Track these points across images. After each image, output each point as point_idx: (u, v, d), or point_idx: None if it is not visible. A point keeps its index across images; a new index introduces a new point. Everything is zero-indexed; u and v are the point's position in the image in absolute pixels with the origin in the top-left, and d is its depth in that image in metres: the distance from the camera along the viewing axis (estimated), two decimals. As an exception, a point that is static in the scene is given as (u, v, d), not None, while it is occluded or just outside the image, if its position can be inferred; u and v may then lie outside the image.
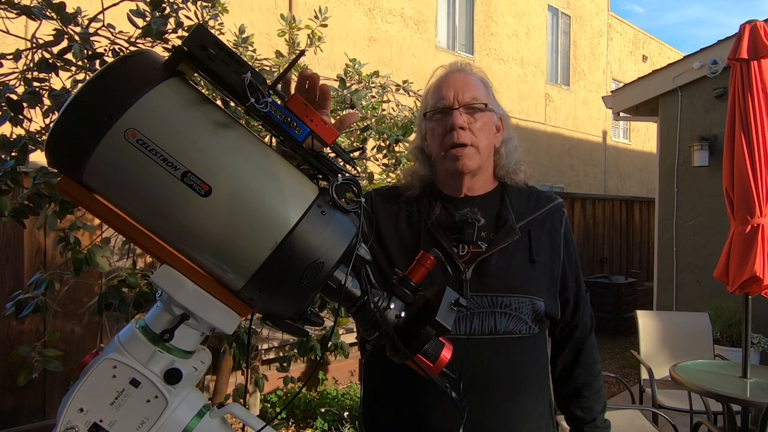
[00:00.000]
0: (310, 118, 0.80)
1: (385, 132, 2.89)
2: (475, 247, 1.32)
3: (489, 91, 1.40)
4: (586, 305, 1.45)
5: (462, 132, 1.31)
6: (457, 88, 1.34)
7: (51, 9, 1.99)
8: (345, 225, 0.80)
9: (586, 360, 1.44)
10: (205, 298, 0.79)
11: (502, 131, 1.41)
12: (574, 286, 1.41)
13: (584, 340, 1.44)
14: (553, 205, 1.41)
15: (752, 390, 3.00)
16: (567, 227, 1.42)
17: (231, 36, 3.05)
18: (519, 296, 1.29)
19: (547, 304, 1.32)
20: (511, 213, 1.35)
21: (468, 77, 1.38)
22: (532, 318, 1.31)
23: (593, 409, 1.43)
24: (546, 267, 1.35)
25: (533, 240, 1.34)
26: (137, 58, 0.77)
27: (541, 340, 1.38)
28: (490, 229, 1.34)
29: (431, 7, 9.62)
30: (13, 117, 1.95)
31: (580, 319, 1.43)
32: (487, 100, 1.36)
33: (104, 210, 0.78)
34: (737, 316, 5.10)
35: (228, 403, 0.93)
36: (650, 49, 15.51)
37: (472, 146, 1.32)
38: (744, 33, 3.11)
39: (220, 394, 3.26)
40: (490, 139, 1.37)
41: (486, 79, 1.43)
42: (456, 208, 1.36)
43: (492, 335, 1.27)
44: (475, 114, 1.33)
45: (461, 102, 1.33)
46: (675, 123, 6.19)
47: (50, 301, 2.02)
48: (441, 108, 1.34)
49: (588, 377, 1.43)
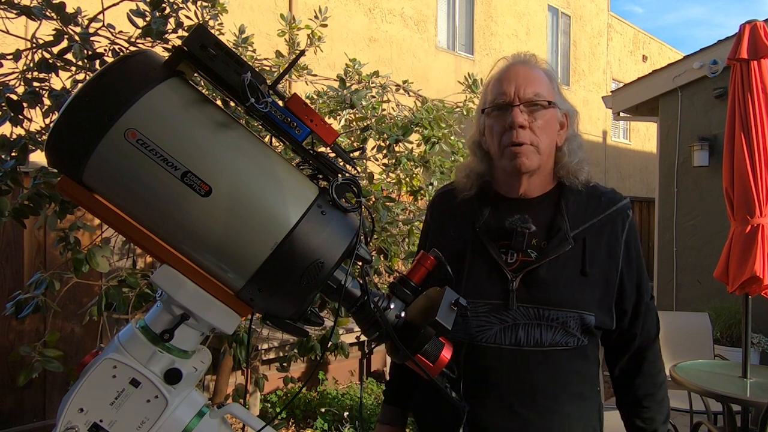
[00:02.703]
0: (310, 118, 0.80)
1: (385, 132, 2.89)
2: (524, 255, 1.25)
3: (554, 85, 1.31)
4: (649, 314, 1.34)
5: (522, 131, 1.22)
6: (519, 83, 1.24)
7: (51, 9, 1.99)
8: (345, 225, 0.80)
9: (649, 369, 1.34)
10: (205, 298, 0.79)
11: (566, 128, 1.32)
12: (634, 296, 1.31)
13: (646, 348, 1.34)
14: (615, 209, 1.30)
15: (752, 390, 3.00)
16: (630, 232, 1.31)
17: (231, 36, 3.04)
18: (567, 311, 1.22)
19: (598, 317, 1.25)
20: (565, 220, 1.26)
21: (531, 70, 1.28)
22: (581, 331, 1.24)
23: (655, 420, 1.33)
24: (600, 279, 1.26)
25: (588, 250, 1.25)
26: (137, 58, 0.77)
27: (591, 350, 1.31)
28: (542, 236, 1.26)
29: (431, 7, 9.61)
30: (13, 117, 1.95)
31: (639, 328, 1.32)
32: (551, 96, 1.27)
33: (104, 210, 0.78)
34: (737, 316, 5.10)
35: (228, 403, 0.93)
36: (650, 49, 15.50)
37: (531, 145, 1.24)
38: (744, 33, 3.11)
39: (220, 394, 3.26)
40: (552, 138, 1.28)
41: (552, 73, 1.33)
42: (507, 212, 1.28)
43: (537, 347, 1.22)
44: (536, 112, 1.24)
45: (522, 98, 1.23)
46: (675, 123, 6.19)
47: (50, 301, 2.02)
48: (501, 104, 1.26)
49: (650, 387, 1.34)
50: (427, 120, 2.95)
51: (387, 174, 3.05)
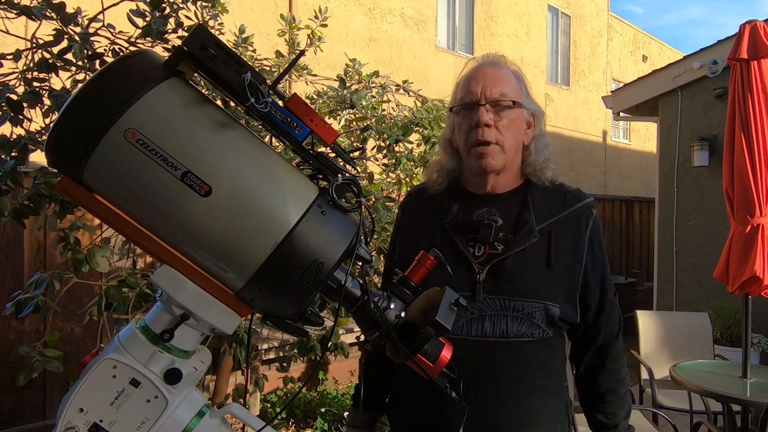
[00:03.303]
0: (310, 118, 0.80)
1: (385, 132, 2.89)
2: (491, 248, 1.29)
3: (522, 85, 1.35)
4: (613, 310, 1.38)
5: (487, 129, 1.27)
6: (486, 83, 1.29)
7: (51, 9, 1.98)
8: (345, 225, 0.80)
9: (611, 365, 1.38)
10: (205, 298, 0.79)
11: (533, 128, 1.36)
12: (598, 291, 1.35)
13: (609, 344, 1.38)
14: (579, 206, 1.34)
15: (752, 390, 3.00)
16: (594, 229, 1.35)
17: (231, 36, 3.04)
18: (532, 301, 1.26)
19: (562, 309, 1.28)
20: (532, 214, 1.31)
21: (499, 71, 1.32)
22: (546, 322, 1.28)
23: (617, 415, 1.37)
24: (564, 272, 1.30)
25: (553, 243, 1.29)
26: (137, 58, 0.77)
27: (556, 343, 1.34)
28: (509, 230, 1.30)
29: (431, 7, 9.61)
30: (13, 117, 1.95)
31: (603, 323, 1.36)
32: (517, 96, 1.31)
33: (104, 210, 0.78)
34: (737, 316, 5.10)
35: (228, 403, 0.93)
36: (650, 49, 15.50)
37: (497, 144, 1.28)
38: (744, 33, 3.11)
39: (220, 394, 3.25)
40: (518, 137, 1.32)
41: (520, 73, 1.37)
42: (475, 207, 1.33)
43: (503, 338, 1.25)
44: (502, 111, 1.28)
45: (488, 98, 1.27)
46: (675, 123, 6.18)
47: (50, 301, 2.02)
48: (468, 103, 1.30)
49: (612, 383, 1.38)
50: (427, 120, 2.95)
51: (387, 174, 3.05)
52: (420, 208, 1.42)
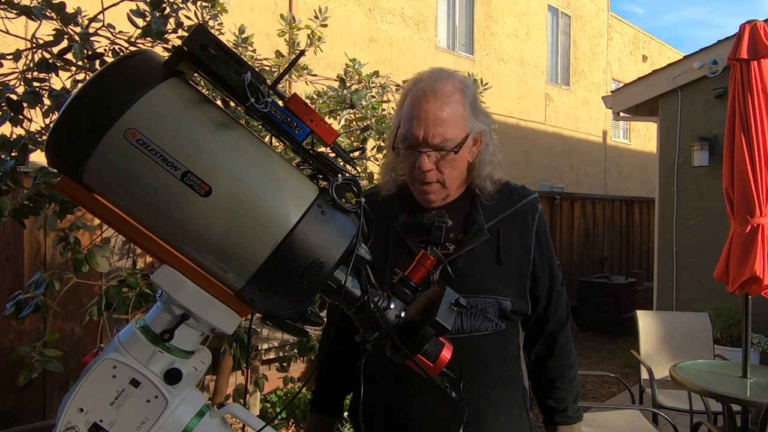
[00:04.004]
0: (310, 118, 0.80)
1: (385, 132, 2.89)
2: (443, 249, 1.31)
3: (468, 104, 1.33)
4: (560, 299, 1.44)
5: (429, 173, 1.29)
6: (428, 127, 1.27)
7: (51, 9, 1.98)
8: (345, 225, 0.80)
9: (560, 352, 1.44)
10: (205, 298, 0.79)
11: (479, 143, 1.37)
12: (547, 282, 1.41)
13: (557, 332, 1.44)
14: (525, 203, 1.40)
15: (752, 390, 3.00)
16: (540, 223, 1.41)
17: (231, 36, 3.04)
18: (484, 297, 1.31)
19: (514, 302, 1.34)
20: (480, 213, 1.36)
21: (441, 108, 1.28)
22: (498, 316, 1.33)
23: (566, 400, 1.44)
24: (514, 267, 1.35)
25: (502, 240, 1.35)
26: (137, 58, 0.77)
27: (510, 335, 1.39)
28: (459, 230, 1.35)
29: (431, 7, 9.61)
30: (13, 117, 1.95)
31: (552, 313, 1.43)
32: (460, 130, 1.29)
33: (104, 210, 0.78)
34: (737, 316, 5.10)
35: (228, 403, 0.93)
36: (650, 49, 15.50)
37: (438, 182, 1.32)
38: (744, 33, 3.11)
39: (220, 394, 3.26)
40: (461, 168, 1.34)
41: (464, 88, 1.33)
42: (425, 210, 1.36)
43: (458, 335, 1.29)
44: (444, 157, 1.29)
45: (430, 143, 1.27)
46: (675, 123, 6.19)
47: (50, 301, 2.02)
48: (409, 144, 1.31)
49: (561, 369, 1.44)
50: (427, 120, 2.95)
51: (387, 174, 3.04)
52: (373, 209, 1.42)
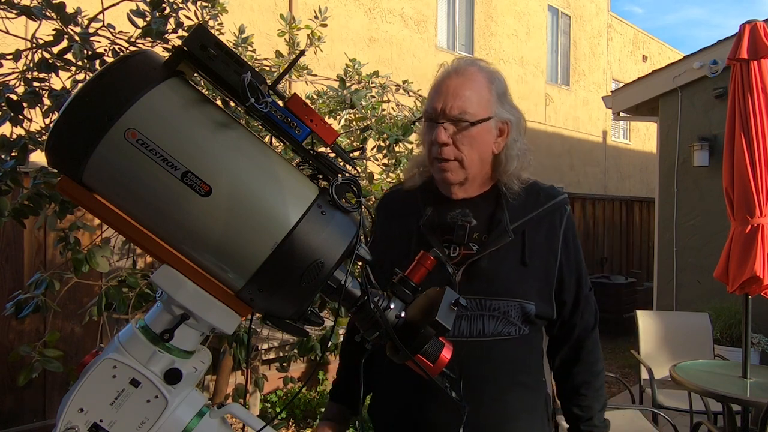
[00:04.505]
0: (310, 118, 0.80)
1: (385, 132, 2.89)
2: (466, 249, 1.29)
3: (495, 91, 1.30)
4: (588, 304, 1.39)
5: (445, 148, 1.26)
6: (447, 99, 1.26)
7: (51, 9, 1.98)
8: (345, 225, 0.80)
9: (587, 358, 1.39)
10: (205, 298, 0.79)
11: (506, 135, 1.32)
12: (574, 287, 1.36)
13: (585, 338, 1.39)
14: (553, 203, 1.34)
15: (752, 390, 3.00)
16: (568, 225, 1.36)
17: (231, 36, 3.04)
18: (507, 300, 1.26)
19: (538, 306, 1.29)
20: (505, 213, 1.31)
21: (464, 84, 1.27)
22: (522, 320, 1.28)
23: (592, 408, 1.39)
24: (539, 270, 1.31)
25: (527, 242, 1.30)
26: (137, 58, 0.77)
27: (533, 339, 1.35)
28: (483, 230, 1.30)
29: (431, 7, 9.61)
30: (13, 117, 1.95)
31: (579, 318, 1.38)
32: (482, 109, 1.27)
33: (104, 210, 0.78)
34: (737, 316, 5.10)
35: (228, 403, 0.93)
36: (650, 49, 15.49)
37: (455, 160, 1.27)
38: (744, 33, 3.11)
39: (220, 394, 3.25)
40: (481, 150, 1.30)
41: (495, 78, 1.32)
42: (448, 209, 1.33)
43: (479, 338, 1.26)
44: (462, 130, 1.26)
45: (448, 115, 1.25)
46: (675, 123, 6.19)
47: (50, 301, 2.02)
48: (428, 118, 1.30)
49: (587, 375, 1.40)
50: (427, 120, 2.95)
51: (387, 174, 3.05)
52: (395, 211, 1.42)
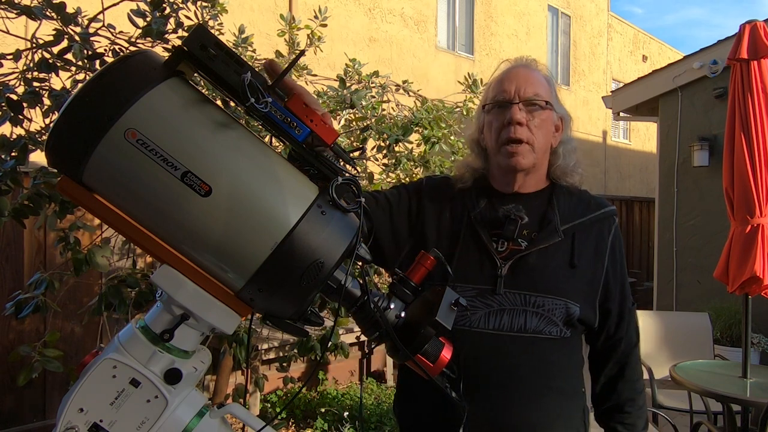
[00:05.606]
0: (310, 118, 0.80)
1: (385, 132, 2.89)
2: (515, 244, 1.29)
3: (552, 89, 1.37)
4: (632, 319, 1.39)
5: (519, 128, 1.28)
6: (519, 83, 1.30)
7: (51, 9, 1.98)
8: (345, 225, 0.80)
9: (631, 375, 1.39)
10: (205, 298, 0.79)
11: (561, 131, 1.38)
12: (619, 297, 1.36)
13: (629, 354, 1.39)
14: (602, 212, 1.37)
15: (752, 390, 3.00)
16: (616, 236, 1.37)
17: (231, 36, 3.04)
18: (553, 298, 1.26)
19: (582, 309, 1.28)
20: (556, 214, 1.32)
21: (532, 73, 1.34)
22: (564, 321, 1.27)
23: (636, 426, 1.37)
24: (586, 273, 1.31)
25: (576, 244, 1.30)
26: (137, 58, 0.77)
27: (574, 345, 1.33)
28: (534, 228, 1.31)
29: (431, 7, 9.61)
30: (13, 117, 1.95)
31: (624, 332, 1.37)
32: (549, 98, 1.33)
33: (104, 210, 0.78)
34: (737, 316, 5.10)
35: (228, 403, 0.93)
36: (650, 49, 15.49)
37: (527, 143, 1.29)
38: (744, 33, 3.11)
39: (220, 394, 3.26)
40: (548, 138, 1.34)
41: (551, 78, 1.39)
42: (501, 204, 1.33)
43: (520, 333, 1.25)
44: (534, 111, 1.30)
45: (522, 97, 1.29)
46: (675, 123, 6.19)
47: (50, 301, 2.02)
48: (500, 101, 1.31)
49: (632, 393, 1.38)
50: (427, 120, 2.95)
51: (387, 174, 3.05)
52: (447, 197, 1.40)
